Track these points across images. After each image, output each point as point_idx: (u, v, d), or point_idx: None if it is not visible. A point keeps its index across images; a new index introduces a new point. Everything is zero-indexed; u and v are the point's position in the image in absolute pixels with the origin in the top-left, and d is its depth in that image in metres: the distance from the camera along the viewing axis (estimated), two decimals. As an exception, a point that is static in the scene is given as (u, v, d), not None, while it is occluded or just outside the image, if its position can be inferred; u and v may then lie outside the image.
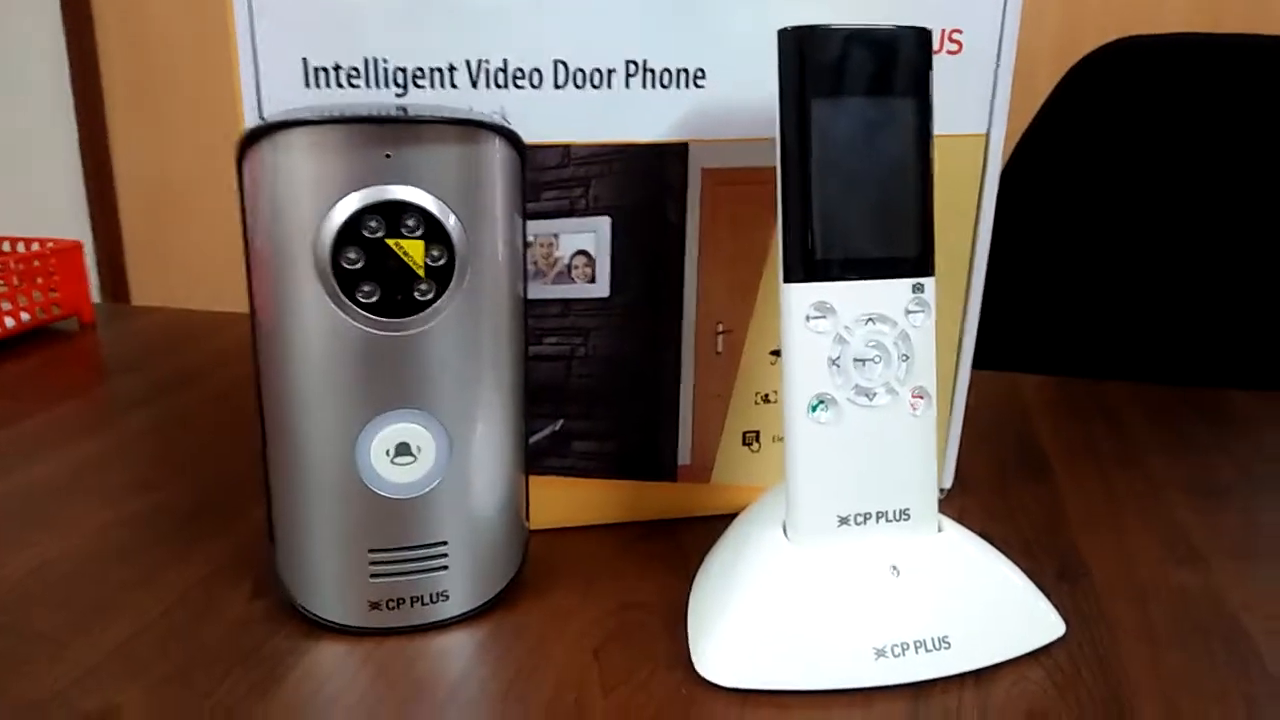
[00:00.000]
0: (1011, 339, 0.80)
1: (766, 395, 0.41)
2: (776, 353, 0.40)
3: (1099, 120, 0.80)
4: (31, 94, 1.62)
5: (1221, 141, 0.76)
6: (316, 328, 0.31)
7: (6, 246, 0.68)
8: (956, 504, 0.43)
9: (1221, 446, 0.50)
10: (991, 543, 0.35)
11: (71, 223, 1.67)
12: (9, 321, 0.62)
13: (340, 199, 0.30)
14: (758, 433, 0.41)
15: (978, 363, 0.43)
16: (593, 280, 0.38)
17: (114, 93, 1.64)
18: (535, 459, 0.39)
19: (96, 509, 0.42)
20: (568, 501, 0.40)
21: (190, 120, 1.62)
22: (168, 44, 1.59)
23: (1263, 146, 0.76)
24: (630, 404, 0.40)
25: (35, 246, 0.67)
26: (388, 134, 0.30)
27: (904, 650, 0.31)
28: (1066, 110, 0.81)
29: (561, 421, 0.39)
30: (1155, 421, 0.53)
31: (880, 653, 0.31)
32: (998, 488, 0.45)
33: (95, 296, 1.65)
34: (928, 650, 0.31)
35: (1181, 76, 0.78)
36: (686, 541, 0.40)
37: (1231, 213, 0.77)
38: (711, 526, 0.38)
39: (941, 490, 0.44)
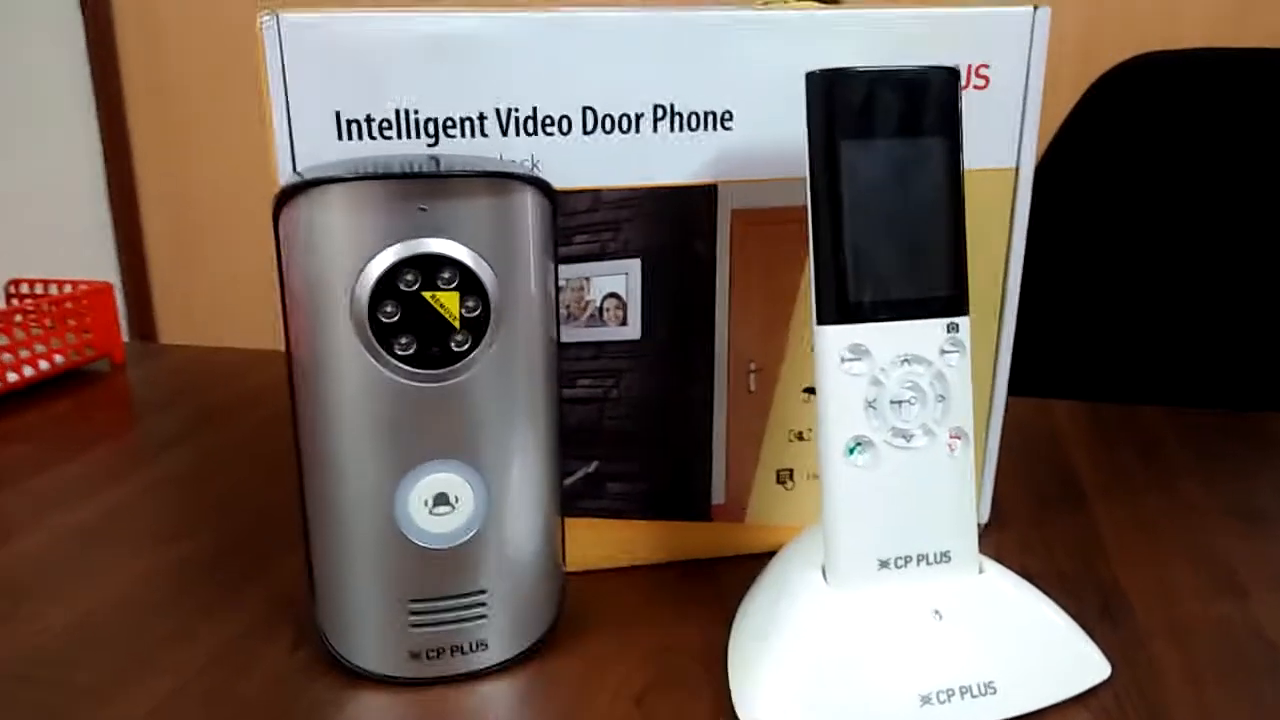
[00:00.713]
0: (1040, 363, 0.80)
1: (800, 433, 0.40)
2: (809, 390, 0.40)
3: (1120, 137, 0.80)
4: (58, 133, 1.64)
5: (1246, 157, 0.76)
6: (354, 380, 0.31)
7: (40, 289, 0.69)
8: (994, 538, 0.43)
9: (1259, 471, 0.49)
10: (1031, 580, 0.35)
11: (98, 260, 1.69)
12: (43, 364, 0.63)
13: (376, 253, 0.30)
14: (791, 471, 0.41)
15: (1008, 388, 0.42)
16: (624, 322, 0.38)
17: (140, 132, 1.66)
18: (569, 501, 0.39)
19: (130, 557, 0.42)
20: (603, 543, 0.40)
21: (216, 160, 1.64)
22: (193, 85, 1.61)
23: (1289, 161, 0.75)
24: (664, 444, 0.40)
25: (67, 289, 0.68)
26: (422, 188, 0.30)
27: (949, 696, 0.31)
28: (1087, 128, 0.80)
29: (596, 463, 0.39)
30: (1190, 447, 0.52)
31: (925, 699, 0.31)
32: (1034, 520, 0.45)
33: (124, 334, 1.67)
34: (973, 696, 0.31)
35: (1203, 92, 0.78)
36: (723, 582, 0.39)
37: (1259, 229, 0.76)
38: (748, 566, 0.38)
39: (979, 525, 0.43)
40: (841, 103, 0.31)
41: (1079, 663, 0.33)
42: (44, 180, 1.64)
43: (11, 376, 0.61)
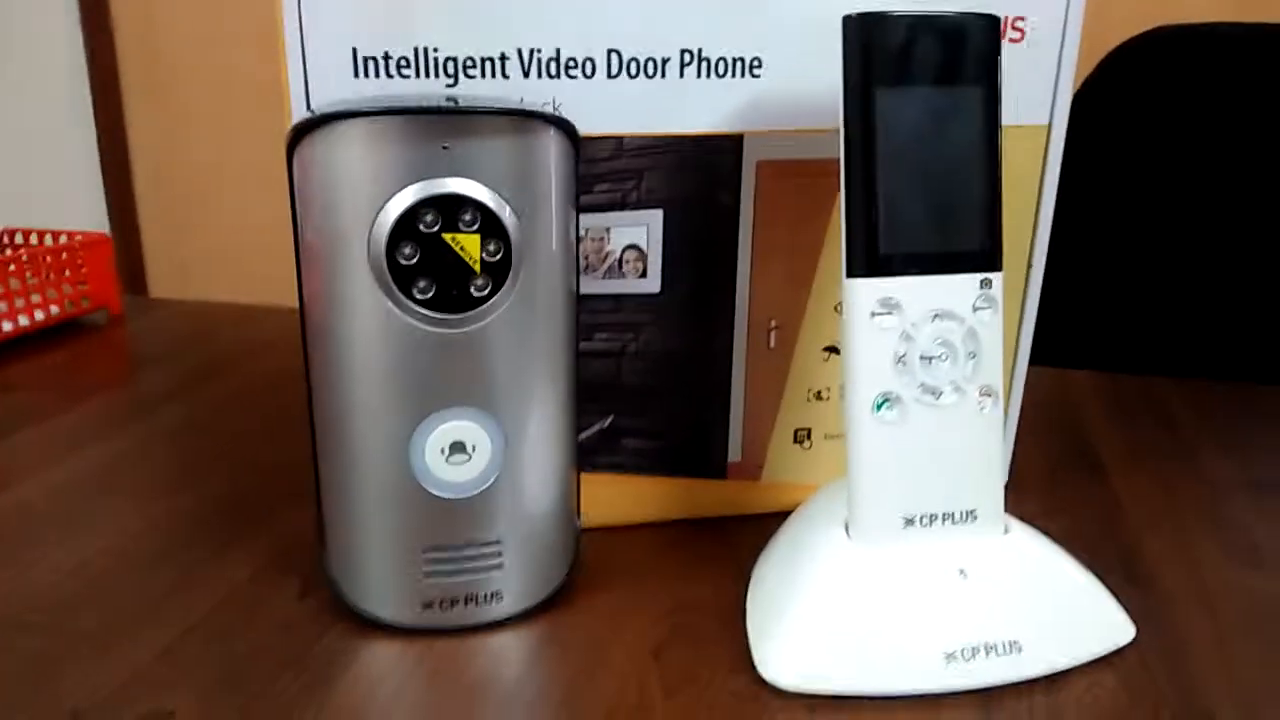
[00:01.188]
0: (1059, 333, 0.79)
1: (819, 392, 0.40)
2: (830, 349, 0.39)
3: (1132, 111, 0.79)
4: (49, 89, 1.61)
5: (1259, 133, 0.75)
6: (371, 325, 0.30)
7: (35, 240, 0.68)
8: (1012, 504, 0.42)
9: (1275, 444, 0.49)
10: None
11: (88, 214, 1.67)
12: (39, 314, 0.62)
13: (396, 193, 0.29)
14: (809, 430, 0.40)
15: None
16: (644, 275, 0.37)
17: (131, 85, 1.64)
18: (585, 456, 0.38)
19: (133, 507, 0.42)
20: (617, 499, 0.39)
21: (208, 112, 1.61)
22: (184, 35, 1.58)
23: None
24: (681, 400, 0.39)
25: (64, 239, 0.66)
26: (445, 126, 0.29)
27: (974, 654, 0.30)
28: (1099, 102, 0.80)
29: (611, 418, 0.39)
30: (1207, 418, 0.52)
31: (950, 657, 0.30)
32: (1053, 487, 0.44)
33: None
34: (998, 654, 0.30)
35: (1214, 67, 0.77)
36: (737, 540, 0.39)
37: (1273, 204, 0.75)
38: (762, 525, 0.37)
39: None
40: (878, 48, 0.31)
41: (1104, 624, 0.32)
42: (33, 133, 1.61)
43: (6, 326, 0.60)
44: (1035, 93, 0.37)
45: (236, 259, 1.64)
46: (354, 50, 0.33)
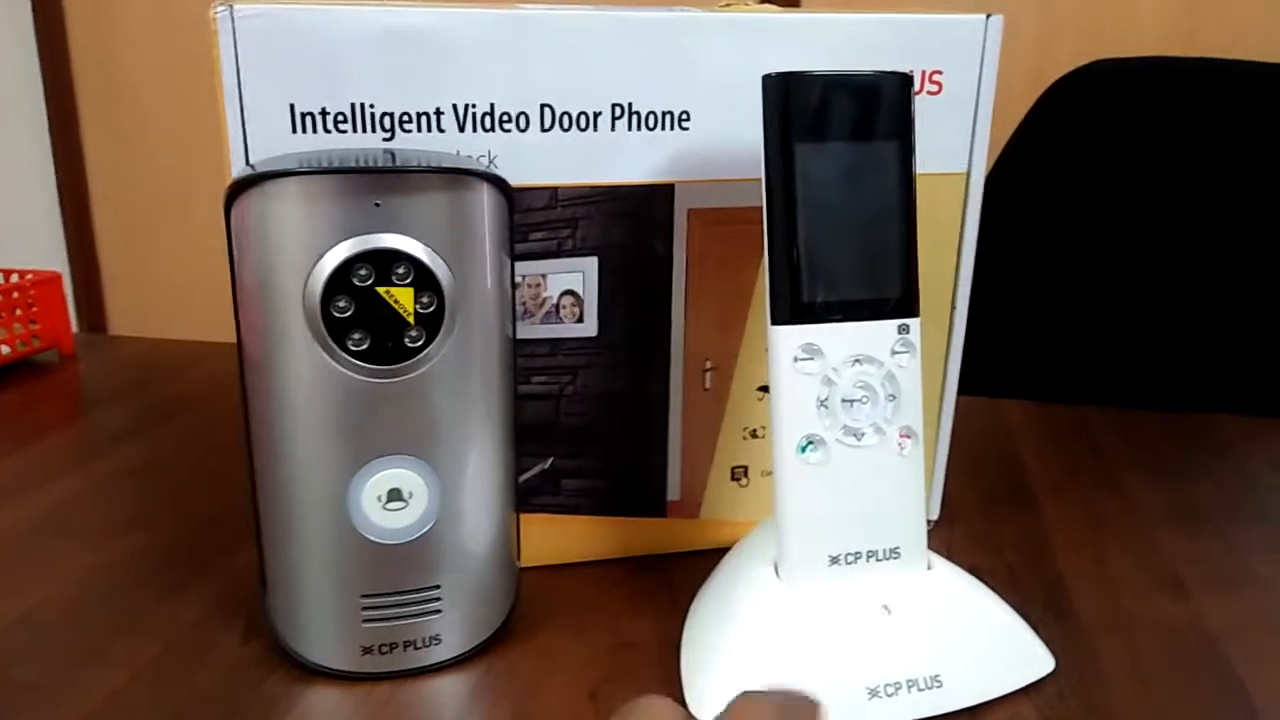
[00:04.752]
0: (989, 363, 0.81)
1: (754, 431, 0.41)
2: (763, 389, 0.41)
3: (1073, 144, 0.81)
4: (6, 122, 1.60)
5: (1196, 164, 0.78)
6: (306, 375, 0.31)
7: (-15, 279, 0.68)
8: (944, 535, 0.44)
9: (1201, 471, 0.51)
10: (979, 576, 0.35)
11: (47, 251, 1.65)
12: (-11, 356, 0.62)
13: (330, 248, 0.30)
14: (746, 468, 0.41)
15: (958, 387, 0.43)
16: (580, 320, 0.38)
17: (89, 121, 1.63)
18: (525, 497, 0.39)
19: (80, 550, 0.42)
20: (558, 539, 0.40)
21: (166, 152, 1.61)
22: (143, 73, 1.58)
23: (1237, 169, 0.77)
24: (619, 441, 0.40)
25: (15, 278, 0.66)
26: (377, 183, 0.30)
27: (896, 690, 0.31)
28: (1040, 134, 0.82)
29: (551, 460, 0.39)
30: (1136, 446, 0.54)
31: (873, 692, 0.31)
32: (984, 517, 0.46)
33: (74, 325, 1.63)
34: (920, 689, 0.31)
35: (1154, 100, 0.80)
36: (677, 577, 0.40)
37: (1205, 235, 0.78)
38: (701, 562, 0.38)
39: (929, 521, 0.44)
40: (797, 105, 0.32)
41: (1024, 657, 0.34)
42: (-8, 170, 1.60)
43: (-44, 367, 0.60)
44: (954, 142, 0.39)
45: (198, 295, 1.63)
46: (291, 106, 0.34)
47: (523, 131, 0.36)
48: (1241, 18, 1.19)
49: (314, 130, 0.34)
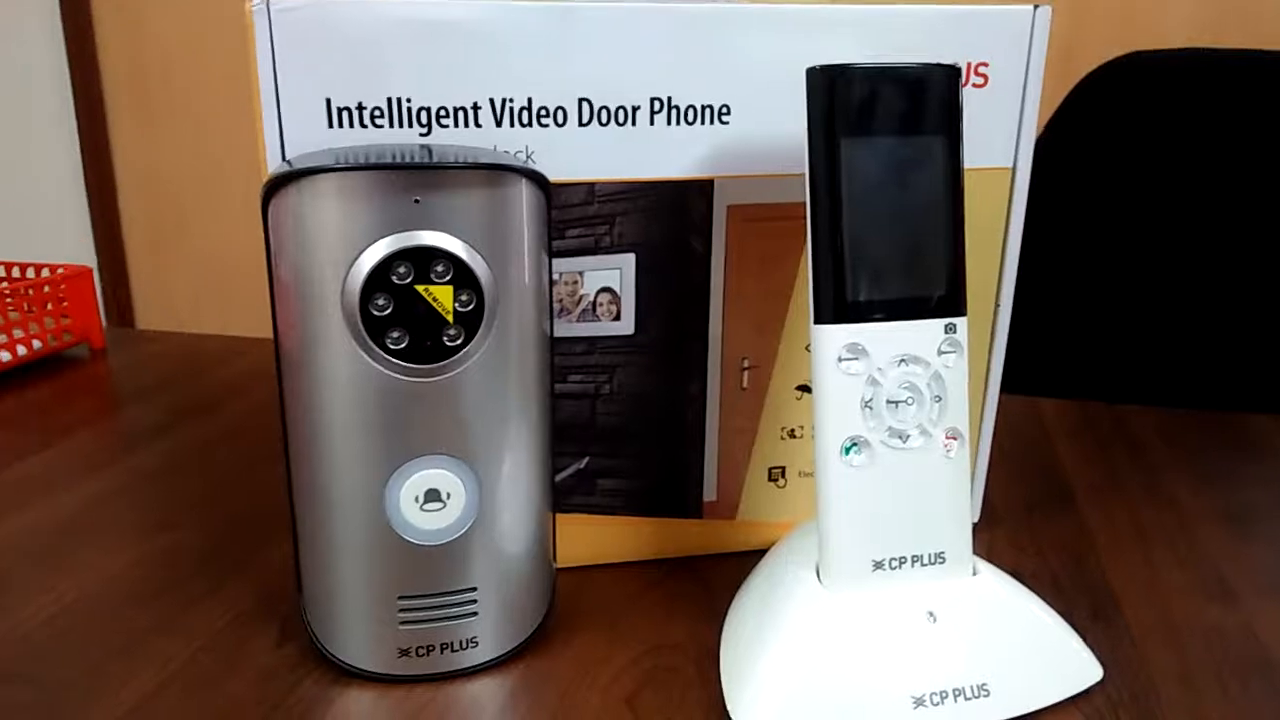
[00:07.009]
0: (1029, 362, 0.80)
1: (793, 430, 0.40)
2: (802, 388, 0.40)
3: (1104, 137, 0.80)
4: (33, 115, 1.61)
5: (1229, 157, 0.76)
6: (344, 375, 0.31)
7: (16, 273, 0.68)
8: (985, 538, 0.43)
9: (1244, 473, 0.49)
10: (1023, 581, 0.35)
11: (74, 244, 1.66)
12: (20, 349, 0.62)
13: (368, 245, 0.30)
14: (784, 468, 0.41)
15: (1001, 391, 0.42)
16: (618, 317, 0.38)
17: (118, 114, 1.64)
18: (561, 497, 0.39)
19: (114, 549, 0.42)
20: (593, 539, 0.40)
21: (195, 144, 1.61)
22: (173, 67, 1.58)
23: (1271, 161, 0.75)
24: (655, 441, 0.39)
25: (45, 273, 0.67)
26: (415, 179, 0.30)
27: (943, 699, 0.31)
28: (1074, 128, 0.80)
29: (587, 459, 0.39)
30: (1177, 447, 0.52)
31: (919, 701, 0.30)
32: (1025, 520, 0.45)
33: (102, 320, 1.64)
34: (966, 698, 0.31)
35: (1186, 92, 0.78)
36: (713, 579, 0.39)
37: (1242, 230, 0.76)
38: (738, 564, 0.38)
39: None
40: (841, 99, 0.31)
41: (1072, 665, 0.33)
42: (19, 165, 1.61)
43: (-12, 362, 0.60)
44: (999, 136, 0.38)
45: (227, 290, 1.64)
46: (328, 101, 0.33)
47: (560, 126, 0.35)
48: (1271, 6, 1.17)
49: (350, 125, 0.34)
